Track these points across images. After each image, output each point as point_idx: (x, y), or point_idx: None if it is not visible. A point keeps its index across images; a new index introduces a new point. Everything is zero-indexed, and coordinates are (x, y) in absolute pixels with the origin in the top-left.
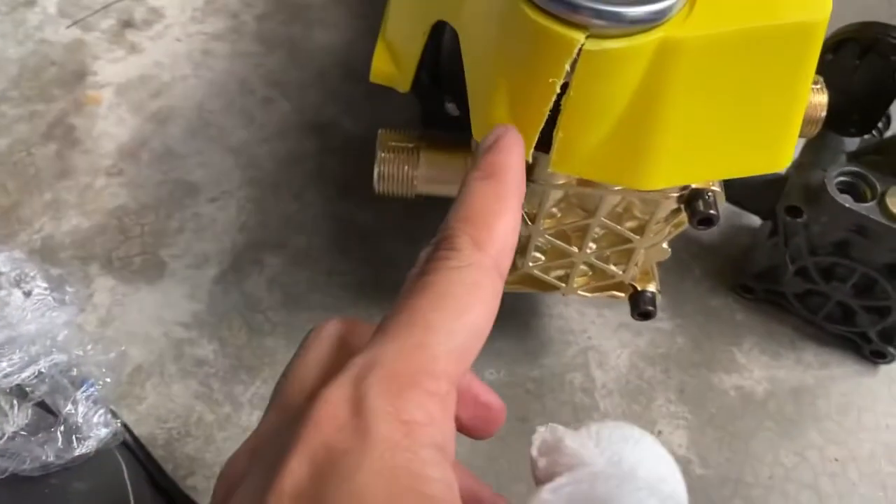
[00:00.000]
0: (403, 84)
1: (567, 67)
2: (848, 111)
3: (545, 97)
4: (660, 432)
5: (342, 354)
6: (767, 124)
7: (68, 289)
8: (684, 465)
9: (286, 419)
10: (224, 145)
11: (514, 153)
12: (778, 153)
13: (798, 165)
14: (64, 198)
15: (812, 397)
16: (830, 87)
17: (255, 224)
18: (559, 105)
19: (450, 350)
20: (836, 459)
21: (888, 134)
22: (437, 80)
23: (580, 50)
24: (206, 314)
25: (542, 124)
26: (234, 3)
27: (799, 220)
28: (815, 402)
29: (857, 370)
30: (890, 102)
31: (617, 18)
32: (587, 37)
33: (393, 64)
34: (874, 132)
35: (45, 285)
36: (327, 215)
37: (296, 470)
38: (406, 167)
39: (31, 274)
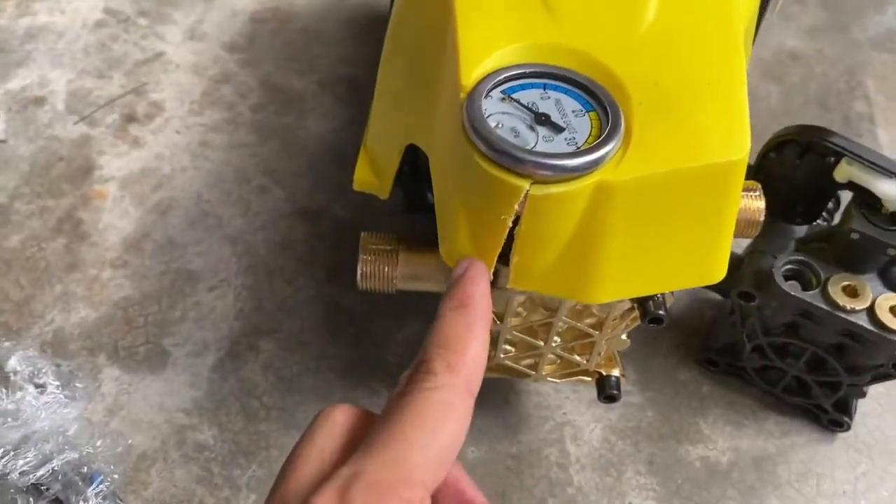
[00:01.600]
0: (383, 192)
1: (517, 207)
2: (793, 203)
3: (499, 231)
4: (629, 503)
5: (345, 444)
6: (699, 245)
7: (78, 384)
8: None
9: None
10: (222, 234)
11: (480, 284)
12: (712, 268)
13: (751, 252)
14: (73, 290)
15: (773, 465)
16: (776, 181)
17: (251, 310)
18: (514, 232)
19: (426, 462)
20: None
21: (835, 222)
22: (416, 172)
23: (526, 194)
24: (206, 401)
25: (499, 251)
26: (230, 95)
27: (752, 303)
28: (775, 470)
29: (816, 438)
30: (829, 196)
31: (556, 169)
32: (532, 184)
33: (373, 174)
34: (824, 219)
35: (56, 382)
36: (318, 299)
37: None
38: (386, 268)
39: (44, 370)
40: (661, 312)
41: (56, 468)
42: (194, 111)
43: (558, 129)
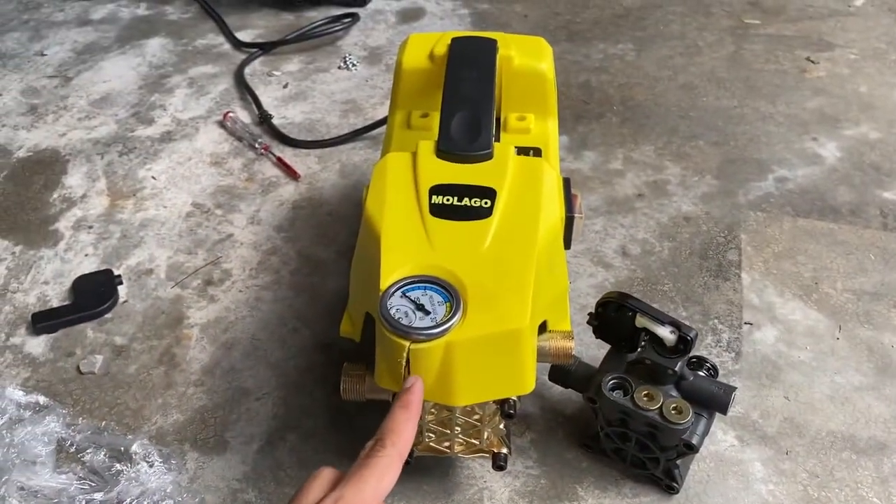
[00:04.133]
0: (356, 337)
1: (405, 354)
2: (619, 338)
3: (400, 366)
4: None
5: (329, 487)
6: (511, 372)
7: (172, 461)
8: None
9: None
10: (266, 362)
11: (417, 394)
12: (522, 384)
13: (598, 370)
14: (169, 402)
15: None
16: (606, 324)
17: (283, 413)
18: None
19: (376, 495)
20: None
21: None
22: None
23: (409, 349)
24: (252, 473)
25: (402, 376)
26: (276, 263)
27: (594, 405)
28: None
29: (658, 498)
30: (639, 335)
31: (424, 335)
32: (411, 343)
33: (350, 326)
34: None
35: (160, 460)
36: (327, 406)
37: None
38: (358, 385)
39: (152, 452)
40: (511, 411)
41: None
42: (252, 275)
43: (427, 312)
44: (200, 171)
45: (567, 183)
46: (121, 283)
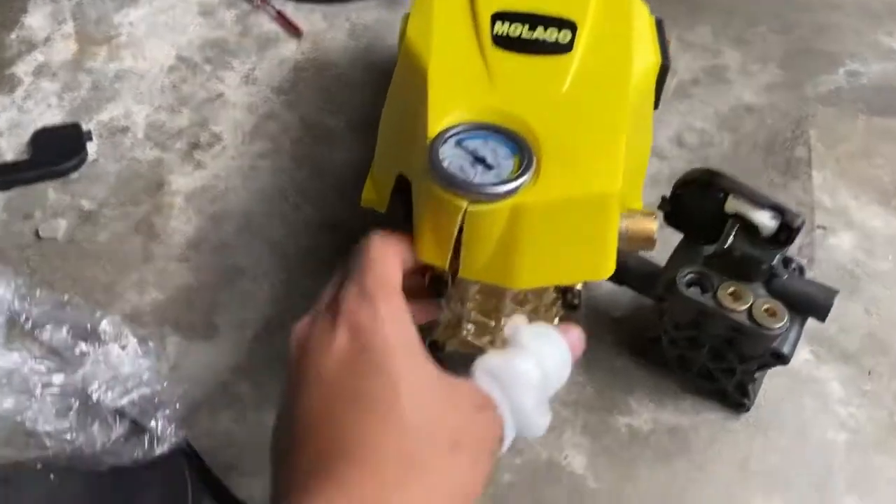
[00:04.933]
0: (381, 207)
1: (459, 219)
2: (698, 228)
3: (450, 234)
4: (566, 456)
5: None
6: (588, 250)
7: (150, 343)
8: (582, 481)
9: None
10: (263, 239)
11: None
12: (599, 267)
13: (667, 264)
14: (146, 277)
15: (685, 434)
16: (684, 211)
17: (283, 298)
18: (460, 238)
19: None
20: (697, 481)
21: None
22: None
23: (465, 211)
24: (245, 363)
25: (451, 249)
26: (274, 130)
27: (664, 303)
28: (686, 439)
29: (723, 416)
30: (724, 223)
31: (486, 195)
32: (469, 203)
33: (375, 193)
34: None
35: (134, 341)
36: None
37: (342, 335)
38: None
39: (125, 333)
40: (575, 301)
41: (135, 399)
42: (246, 141)
43: (490, 167)
44: (187, 20)
45: (660, 25)
46: (90, 139)
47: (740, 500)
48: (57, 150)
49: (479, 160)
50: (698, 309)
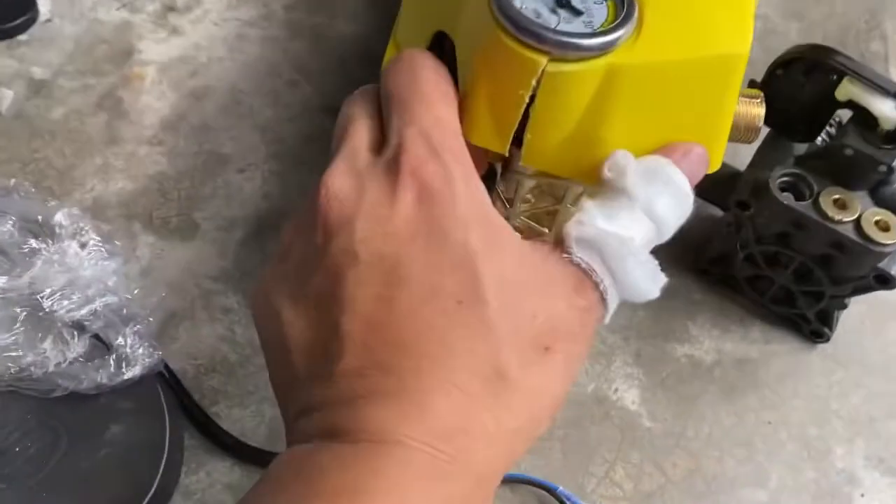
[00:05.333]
0: None
1: (533, 83)
2: (795, 120)
3: (517, 106)
4: (616, 389)
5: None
6: (697, 134)
7: (116, 242)
8: (635, 418)
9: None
10: (252, 122)
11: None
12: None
13: (751, 164)
14: (112, 163)
15: (754, 368)
16: (780, 98)
17: (277, 194)
18: (528, 112)
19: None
20: (770, 422)
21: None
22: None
23: (543, 71)
24: (232, 270)
25: (515, 127)
26: None
27: (747, 212)
28: (756, 373)
29: (797, 347)
30: (829, 114)
31: (572, 48)
32: (549, 61)
33: None
34: (823, 139)
35: (97, 238)
36: None
37: (406, 199)
38: None
39: (86, 228)
40: None
41: (98, 309)
42: (231, 5)
43: (577, 12)
44: None
45: None
46: None
47: (819, 446)
48: (1, 7)
49: (562, 3)
50: (793, 219)
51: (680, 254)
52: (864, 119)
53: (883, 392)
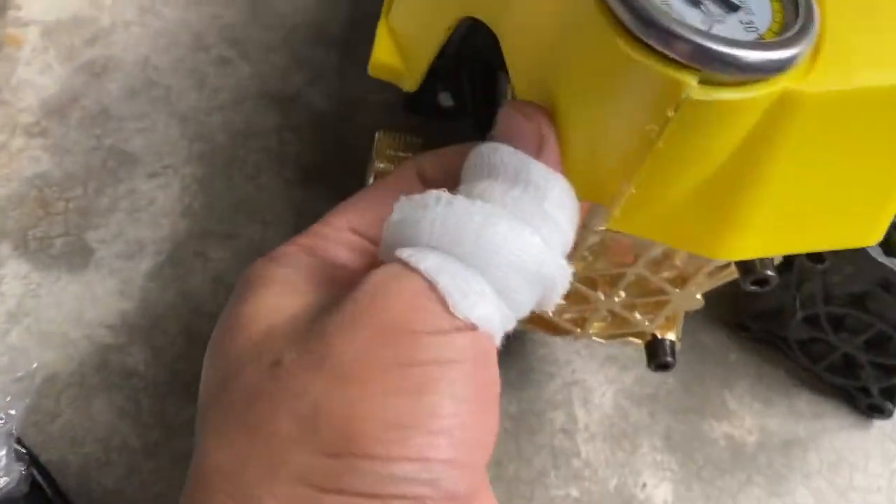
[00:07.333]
0: (411, 83)
1: (670, 114)
2: None
3: (637, 147)
4: (644, 484)
5: None
6: (873, 193)
7: None
8: None
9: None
10: (170, 110)
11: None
12: (874, 226)
13: None
14: None
15: (803, 451)
16: None
17: (201, 207)
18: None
19: None
20: None
21: None
22: (432, 68)
23: (686, 97)
24: (138, 315)
25: (633, 176)
26: None
27: (819, 265)
28: (805, 457)
29: (851, 423)
30: None
31: (735, 64)
32: (699, 79)
33: (399, 57)
34: None
35: None
36: (286, 203)
37: None
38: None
39: None
40: (769, 273)
41: None
42: None
43: (731, 6)
44: None
45: None
46: None
47: None
48: None
49: None
50: (881, 277)
51: (712, 303)
52: None
53: None
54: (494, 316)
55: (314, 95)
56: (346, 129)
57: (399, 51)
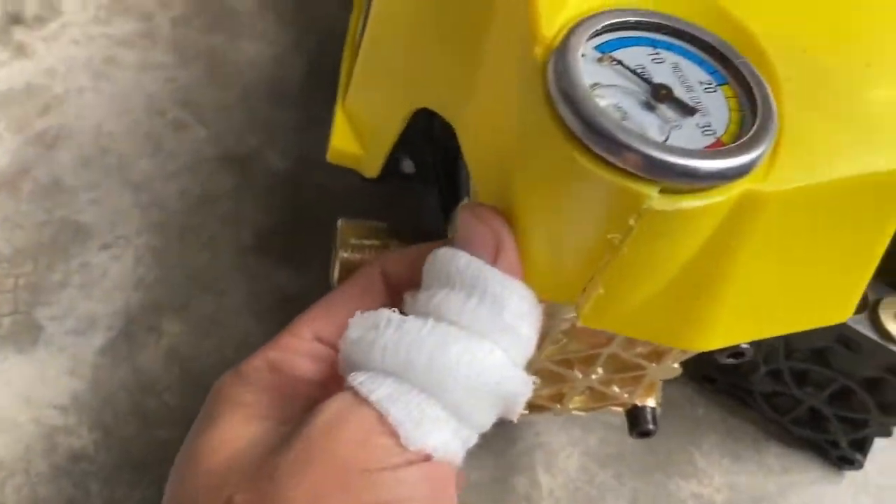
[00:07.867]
0: (370, 169)
1: (631, 223)
2: None
3: (598, 254)
4: None
5: None
6: (838, 276)
7: None
8: None
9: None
10: (124, 178)
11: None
12: (843, 305)
13: None
14: None
15: None
16: None
17: (155, 280)
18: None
19: None
20: None
21: None
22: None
23: (646, 207)
24: (89, 395)
25: (592, 278)
26: (148, 2)
27: None
28: None
29: (821, 476)
30: None
31: (696, 175)
32: (657, 191)
33: (357, 143)
34: None
35: None
36: (242, 271)
37: None
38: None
39: None
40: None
41: None
42: (100, 18)
43: (687, 109)
44: None
45: None
46: None
47: None
48: None
49: (660, 94)
50: (840, 335)
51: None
52: None
53: None
54: (451, 441)
55: (272, 155)
56: (305, 190)
57: (357, 137)
